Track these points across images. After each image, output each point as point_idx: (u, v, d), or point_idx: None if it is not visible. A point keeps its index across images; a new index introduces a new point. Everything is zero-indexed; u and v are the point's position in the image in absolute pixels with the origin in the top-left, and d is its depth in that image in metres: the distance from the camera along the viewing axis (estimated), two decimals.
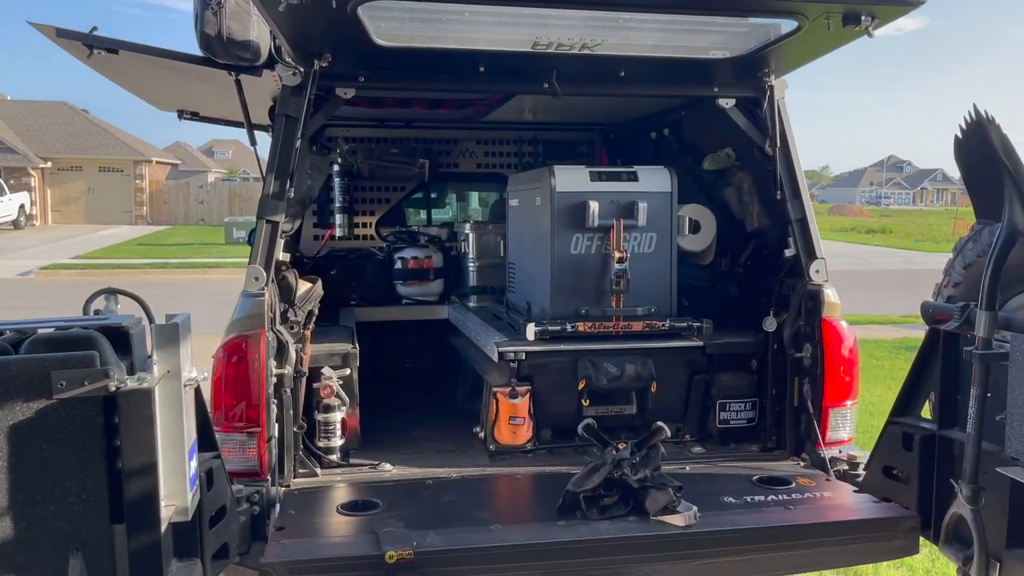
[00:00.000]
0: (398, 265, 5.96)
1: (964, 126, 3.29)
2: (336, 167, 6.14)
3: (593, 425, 3.69)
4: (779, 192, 4.25)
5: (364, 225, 6.43)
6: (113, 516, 2.54)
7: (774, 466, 4.10)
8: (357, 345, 4.33)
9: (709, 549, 3.27)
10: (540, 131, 6.50)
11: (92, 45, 3.68)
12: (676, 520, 3.32)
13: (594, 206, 4.25)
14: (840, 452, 4.14)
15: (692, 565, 3.28)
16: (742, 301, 4.77)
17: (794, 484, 3.81)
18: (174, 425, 2.71)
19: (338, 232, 6.20)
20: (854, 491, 3.77)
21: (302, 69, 3.79)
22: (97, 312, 3.02)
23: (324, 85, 3.93)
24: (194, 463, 2.86)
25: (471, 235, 5.78)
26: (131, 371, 2.64)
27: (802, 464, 4.15)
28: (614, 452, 3.53)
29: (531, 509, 3.73)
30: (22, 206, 39.09)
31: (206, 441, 3.30)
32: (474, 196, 7.26)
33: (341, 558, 3.06)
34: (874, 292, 19.00)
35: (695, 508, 3.36)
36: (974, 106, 3.14)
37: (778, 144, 4.22)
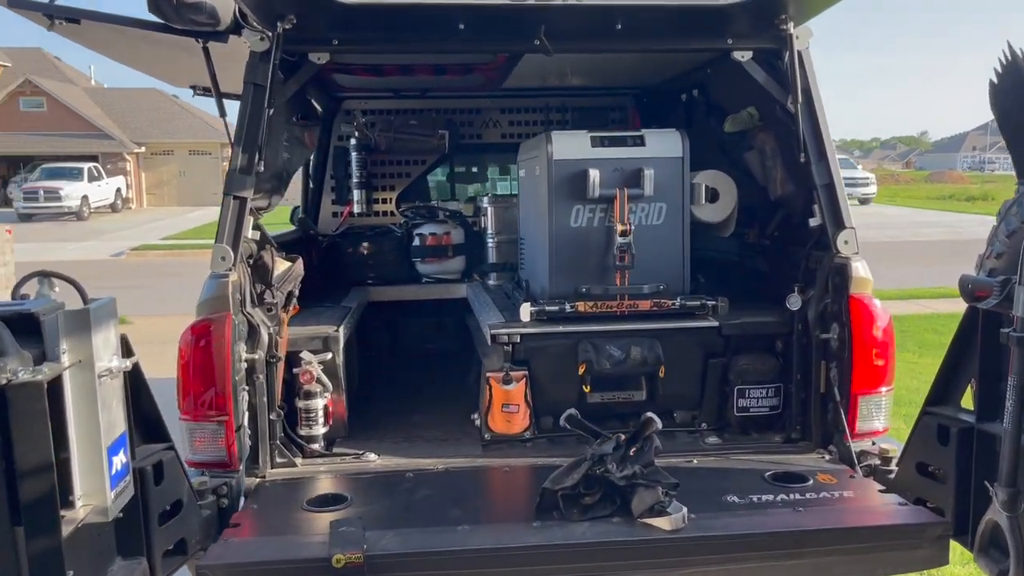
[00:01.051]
0: (416, 242, 5.71)
1: (1000, 69, 2.79)
2: (353, 141, 5.91)
3: (576, 415, 3.36)
4: (803, 155, 3.79)
5: (384, 201, 6.19)
6: (13, 519, 2.36)
7: (795, 460, 3.69)
8: (344, 328, 4.09)
9: (695, 557, 2.92)
10: (568, 97, 6.11)
11: (52, 16, 3.51)
12: (662, 523, 2.98)
13: (595, 175, 3.88)
14: (873, 445, 3.70)
15: (676, 575, 2.92)
16: (766, 277, 4.33)
17: (811, 482, 3.40)
18: (88, 419, 2.51)
19: (356, 209, 5.98)
20: (880, 491, 3.34)
21: (269, 33, 3.54)
22: (24, 296, 2.86)
23: (295, 50, 3.68)
24: (121, 458, 2.66)
25: (490, 209, 5.47)
26: (42, 361, 2.46)
27: (828, 458, 3.72)
28: (597, 446, 3.19)
29: (509, 507, 3.43)
30: (118, 190, 40.58)
31: (152, 432, 3.14)
32: (500, 169, 6.92)
33: (284, 561, 2.84)
34: (966, 263, 17.79)
35: (685, 509, 3.01)
36: (1008, 44, 2.65)
37: (800, 100, 3.75)
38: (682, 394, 4.05)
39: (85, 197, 35.62)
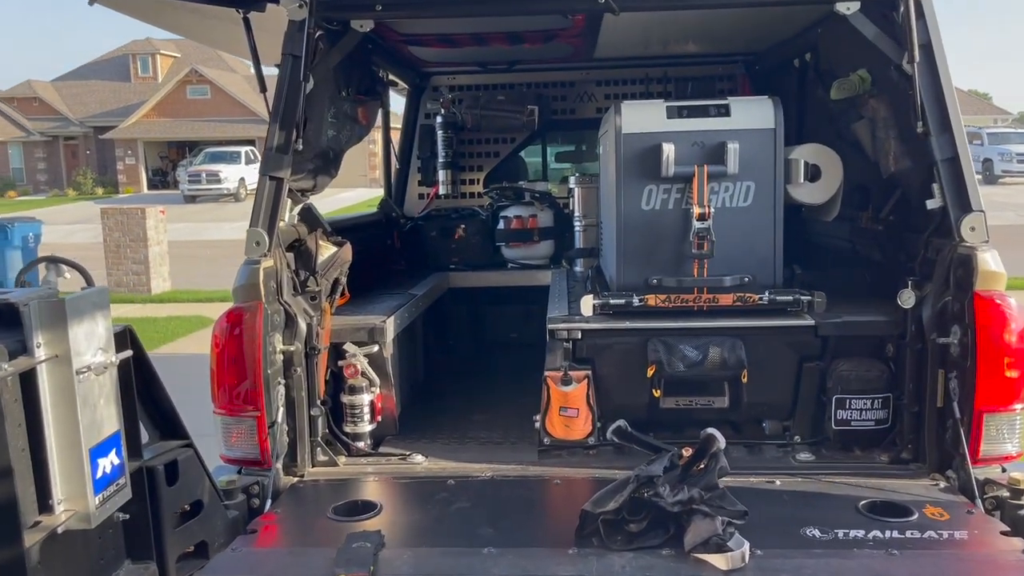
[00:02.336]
0: (501, 225, 5.38)
1: None
2: (439, 119, 5.63)
3: (624, 427, 2.95)
4: (921, 124, 3.17)
5: (471, 182, 5.88)
6: None
7: (901, 486, 3.10)
8: (396, 318, 3.81)
9: None
10: (671, 66, 5.57)
11: None
12: (717, 560, 2.53)
13: (669, 150, 3.40)
14: (1003, 472, 3.08)
15: None
16: (877, 268, 3.71)
17: (915, 516, 2.83)
18: (67, 418, 2.33)
19: (442, 190, 5.70)
20: (1004, 533, 2.73)
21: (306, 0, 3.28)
22: (24, 284, 2.73)
23: (336, 17, 3.41)
24: (110, 460, 2.48)
25: (577, 190, 5.05)
26: (21, 354, 2.30)
27: (943, 485, 3.12)
28: (646, 465, 2.76)
29: (548, 528, 3.03)
30: None
31: (170, 429, 2.96)
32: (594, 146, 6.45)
33: None
34: None
35: (747, 545, 2.54)
36: None
37: (917, 59, 3.13)
38: (770, 402, 3.53)
39: (242, 179, 37.50)
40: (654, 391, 3.48)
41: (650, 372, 3.43)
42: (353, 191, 41.28)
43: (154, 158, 46.56)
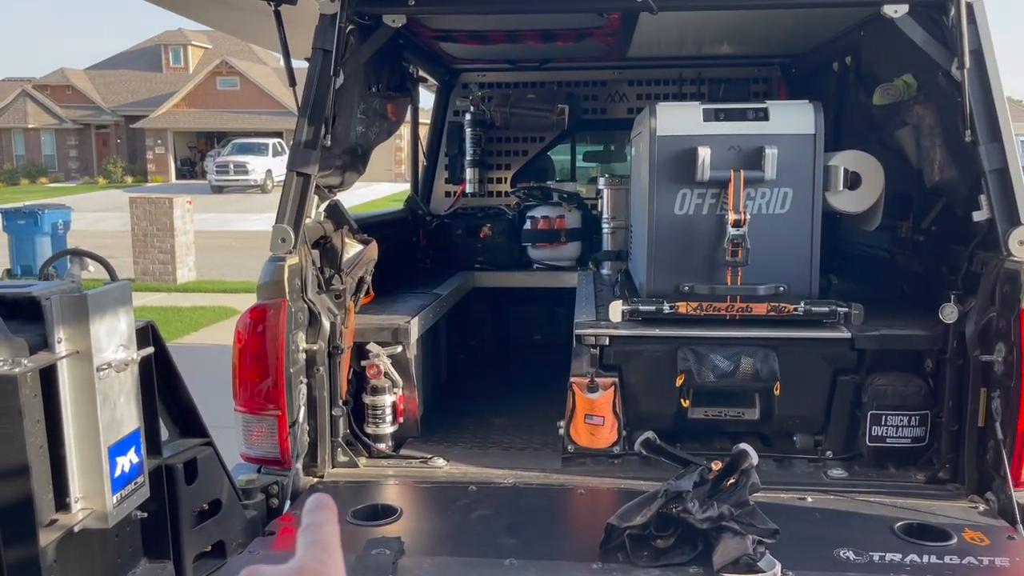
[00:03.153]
0: (527, 225, 5.30)
1: None
2: (468, 116, 5.56)
3: (652, 440, 2.86)
4: (969, 132, 3.06)
5: (499, 181, 5.81)
6: None
7: (938, 508, 3.00)
8: (421, 319, 3.75)
9: None
10: (705, 67, 5.46)
11: None
12: None
13: (705, 153, 3.31)
14: None
15: None
16: (919, 281, 3.60)
17: (954, 540, 2.72)
18: (86, 415, 2.29)
19: (469, 189, 5.63)
20: None
21: None
22: (48, 276, 2.70)
23: (368, 12, 3.34)
24: (129, 458, 2.44)
25: (606, 191, 4.96)
26: (43, 350, 2.26)
27: (982, 509, 3.00)
28: (675, 480, 2.68)
29: (572, 540, 2.96)
30: None
31: (190, 426, 2.92)
32: (624, 147, 6.35)
33: None
34: None
35: (779, 567, 2.46)
36: None
37: (967, 65, 3.02)
38: (803, 415, 3.43)
39: (269, 171, 37.66)
40: (683, 401, 3.39)
41: (679, 381, 3.34)
42: (378, 186, 41.43)
43: (183, 148, 46.92)
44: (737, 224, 3.29)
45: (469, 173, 5.59)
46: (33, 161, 46.42)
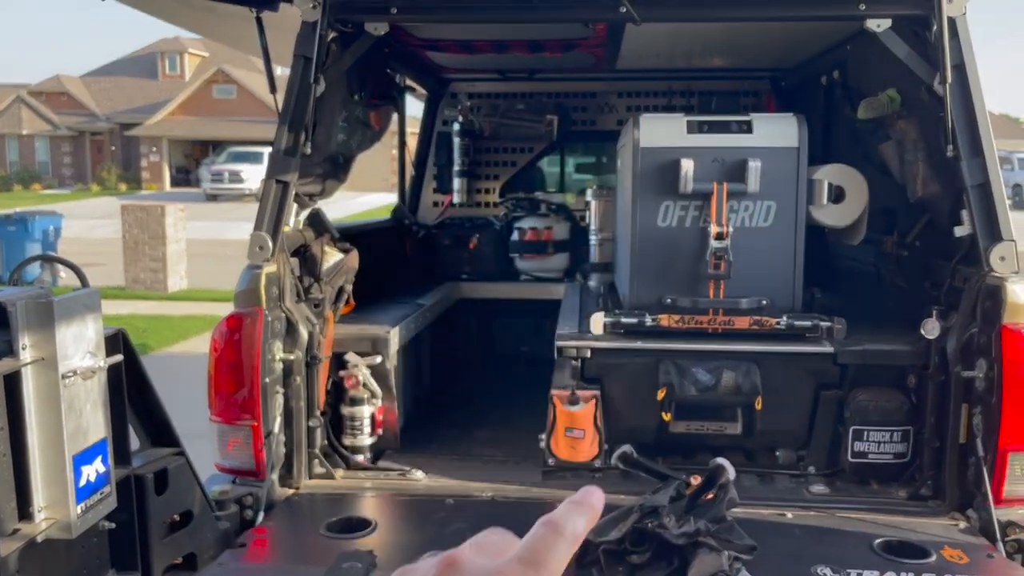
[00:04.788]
0: (515, 236, 5.28)
1: None
2: (456, 126, 5.55)
3: (629, 454, 2.83)
4: (951, 147, 3.04)
5: (487, 192, 5.78)
6: None
7: (919, 524, 2.97)
8: (402, 328, 3.72)
9: None
10: (695, 80, 5.45)
11: None
12: None
13: (688, 166, 3.30)
14: None
15: None
16: (902, 296, 3.58)
17: (933, 558, 2.69)
18: (51, 423, 2.25)
19: (456, 199, 5.61)
20: None
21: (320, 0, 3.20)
22: (17, 282, 2.66)
23: (350, 19, 3.33)
24: (95, 467, 2.39)
25: (593, 203, 4.94)
26: (7, 355, 2.23)
27: (963, 526, 2.98)
28: (651, 495, 2.64)
29: None
30: None
31: (162, 435, 2.88)
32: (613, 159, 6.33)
33: None
34: None
35: None
36: None
37: (949, 80, 3.01)
38: (785, 430, 3.41)
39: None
40: (664, 414, 3.36)
41: (661, 395, 3.32)
42: (373, 195, 41.44)
43: (178, 156, 46.88)
44: (720, 236, 3.27)
45: (457, 183, 5.57)
46: (27, 167, 46.32)
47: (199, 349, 10.56)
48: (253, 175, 37.00)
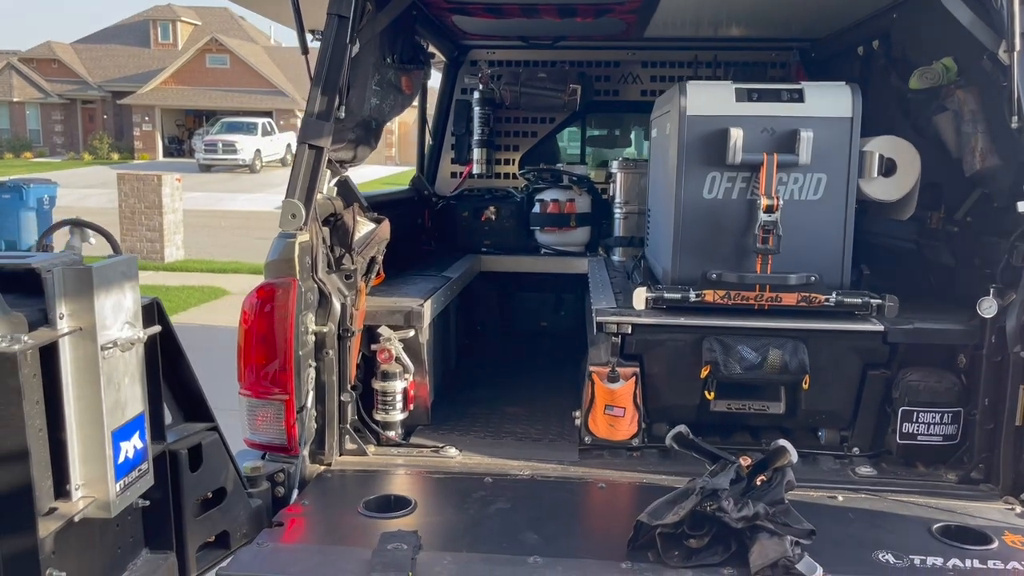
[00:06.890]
0: (536, 208, 5.15)
1: None
2: (476, 94, 5.39)
3: (685, 434, 2.72)
4: (1016, 119, 2.93)
5: (507, 162, 5.64)
6: None
7: (973, 509, 2.89)
8: (433, 302, 3.60)
9: None
10: (722, 49, 5.31)
11: None
12: None
13: (737, 135, 3.17)
14: None
15: None
16: (953, 273, 3.48)
17: (996, 544, 2.61)
18: (89, 397, 2.13)
19: (476, 169, 5.47)
20: None
21: None
22: (45, 248, 2.53)
23: None
24: (133, 444, 2.28)
25: (618, 175, 4.82)
26: (43, 325, 2.10)
27: (1019, 511, 2.90)
28: (710, 477, 2.55)
29: (597, 537, 2.82)
30: (288, 145, 42.24)
31: (195, 410, 2.77)
32: (637, 130, 6.18)
33: None
34: None
35: (820, 570, 2.33)
36: None
37: (1017, 47, 2.88)
38: (830, 410, 3.31)
39: (258, 151, 37.25)
40: (706, 393, 3.26)
41: (704, 373, 3.21)
42: (367, 168, 41.09)
43: (171, 125, 46.37)
44: (769, 209, 3.15)
45: (476, 153, 5.44)
46: (18, 135, 45.75)
47: (198, 320, 10.43)
48: (247, 146, 36.67)
